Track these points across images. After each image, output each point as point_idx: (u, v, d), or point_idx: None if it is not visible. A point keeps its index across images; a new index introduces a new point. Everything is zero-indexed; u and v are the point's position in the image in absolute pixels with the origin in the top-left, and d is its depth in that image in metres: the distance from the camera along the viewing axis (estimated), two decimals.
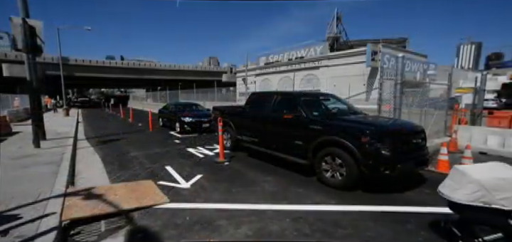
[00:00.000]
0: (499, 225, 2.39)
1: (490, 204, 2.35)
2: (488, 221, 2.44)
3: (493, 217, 2.39)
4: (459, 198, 2.44)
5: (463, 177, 2.49)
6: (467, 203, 2.41)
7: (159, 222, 3.40)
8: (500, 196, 2.32)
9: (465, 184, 2.45)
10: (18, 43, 6.65)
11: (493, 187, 2.34)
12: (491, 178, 2.39)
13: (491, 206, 2.35)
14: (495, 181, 2.36)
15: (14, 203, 3.58)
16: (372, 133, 4.33)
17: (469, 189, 2.41)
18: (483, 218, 2.44)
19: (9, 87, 30.49)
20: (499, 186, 2.33)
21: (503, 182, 2.33)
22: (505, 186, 2.32)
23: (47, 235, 2.79)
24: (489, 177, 2.40)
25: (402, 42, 35.27)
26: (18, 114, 16.35)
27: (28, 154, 6.64)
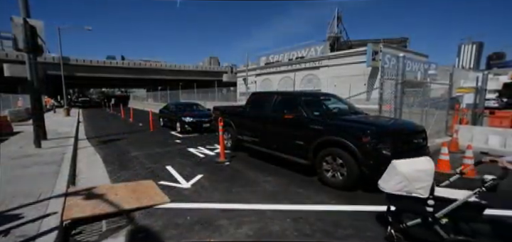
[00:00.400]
0: (418, 211, 2.73)
1: (411, 193, 2.68)
2: (411, 208, 2.80)
3: (413, 204, 2.71)
4: (389, 189, 2.79)
5: (393, 170, 2.80)
6: (394, 192, 2.76)
7: (160, 222, 3.41)
8: (419, 185, 2.63)
9: (393, 176, 2.77)
10: (19, 43, 6.66)
11: (413, 178, 2.66)
12: (412, 170, 2.70)
13: (411, 195, 2.68)
14: (415, 172, 2.67)
15: (15, 202, 3.59)
16: (373, 133, 4.32)
17: (396, 180, 2.74)
18: (407, 205, 2.79)
19: (10, 87, 30.59)
20: (418, 177, 2.64)
21: (421, 174, 2.64)
22: (422, 177, 2.63)
23: (48, 235, 2.80)
24: (411, 169, 2.71)
25: (403, 42, 35.27)
26: (19, 114, 16.39)
27: (29, 154, 6.66)
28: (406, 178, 2.68)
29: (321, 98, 6.58)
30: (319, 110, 5.81)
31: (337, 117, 5.52)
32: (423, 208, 2.66)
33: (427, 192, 2.61)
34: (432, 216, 2.64)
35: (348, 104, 6.45)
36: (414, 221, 2.77)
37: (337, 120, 5.15)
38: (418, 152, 4.68)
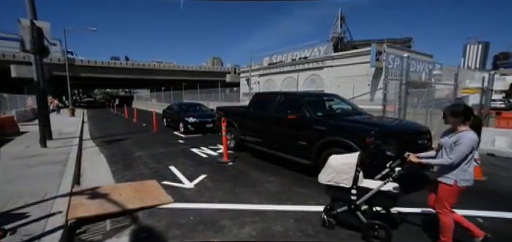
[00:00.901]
0: (344, 199, 3.12)
1: (338, 183, 3.06)
2: (339, 197, 3.18)
3: (341, 193, 3.10)
4: (323, 180, 3.18)
5: (327, 164, 3.20)
6: (326, 183, 3.16)
7: (163, 222, 3.42)
8: (344, 177, 3.02)
9: (326, 169, 3.17)
10: (26, 45, 6.76)
11: (339, 170, 3.06)
12: (339, 163, 3.11)
13: (338, 185, 3.06)
14: (341, 165, 3.08)
15: (22, 201, 3.64)
16: (377, 134, 4.30)
17: (327, 172, 3.14)
18: (336, 194, 3.17)
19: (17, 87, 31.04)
20: (343, 170, 3.04)
21: (345, 166, 3.03)
22: (346, 169, 3.02)
23: (53, 233, 2.83)
24: (338, 163, 3.12)
25: (407, 42, 35.00)
26: (26, 114, 16.62)
27: (35, 154, 6.74)
28: (334, 170, 3.10)
29: (324, 99, 6.56)
30: (322, 111, 5.79)
31: (340, 117, 5.50)
32: (348, 196, 3.06)
33: (351, 182, 2.99)
34: (355, 204, 3.03)
35: (351, 105, 6.42)
36: (342, 208, 3.18)
37: (340, 121, 5.13)
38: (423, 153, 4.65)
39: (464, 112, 2.61)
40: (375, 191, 2.91)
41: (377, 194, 2.92)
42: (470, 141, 2.51)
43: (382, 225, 2.87)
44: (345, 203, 3.13)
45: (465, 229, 2.82)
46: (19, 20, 6.68)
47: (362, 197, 2.97)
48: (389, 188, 2.96)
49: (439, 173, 2.81)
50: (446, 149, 2.69)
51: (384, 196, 2.95)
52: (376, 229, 2.88)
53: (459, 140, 2.56)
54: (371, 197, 2.94)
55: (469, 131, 2.59)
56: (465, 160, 2.59)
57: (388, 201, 3.02)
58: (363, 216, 3.02)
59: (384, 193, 2.93)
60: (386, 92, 7.44)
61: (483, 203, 4.09)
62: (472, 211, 3.76)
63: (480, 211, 3.78)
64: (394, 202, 3.01)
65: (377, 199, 2.98)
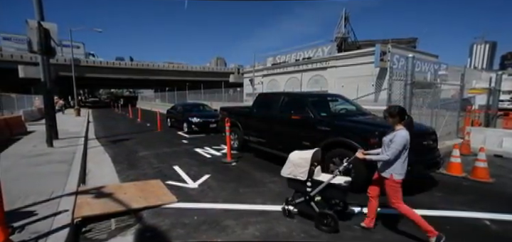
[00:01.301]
0: (301, 191, 3.43)
1: (296, 176, 3.39)
2: (297, 188, 3.49)
3: (298, 185, 3.43)
4: (284, 174, 3.50)
5: (288, 159, 3.51)
6: (286, 176, 3.49)
7: (167, 221, 3.44)
8: (300, 170, 3.34)
9: (287, 163, 3.49)
10: (34, 46, 6.87)
11: (297, 164, 3.39)
12: (297, 158, 3.43)
13: (296, 178, 3.39)
14: (298, 160, 3.40)
15: (29, 200, 3.70)
16: (381, 134, 4.25)
17: (287, 167, 3.48)
18: (295, 186, 3.49)
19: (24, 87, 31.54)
20: (300, 164, 3.36)
21: (302, 161, 3.36)
22: (302, 163, 3.35)
23: (60, 232, 2.88)
24: (296, 157, 3.44)
25: (412, 42, 34.66)
26: (33, 114, 16.88)
27: (42, 153, 6.84)
28: (293, 164, 3.42)
29: (328, 99, 6.54)
30: (326, 111, 5.77)
31: (344, 117, 5.47)
32: (304, 188, 3.38)
33: (306, 175, 3.31)
34: (309, 195, 3.34)
35: (355, 105, 6.38)
36: (300, 199, 3.47)
37: (344, 121, 5.11)
38: (429, 154, 4.61)
39: (399, 113, 2.91)
40: (326, 184, 3.23)
41: (328, 187, 3.24)
42: (402, 139, 2.81)
43: (331, 215, 3.18)
44: (302, 194, 3.42)
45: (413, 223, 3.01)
46: (27, 21, 6.80)
47: (315, 189, 3.30)
48: (340, 182, 3.26)
49: (380, 168, 3.07)
50: (385, 146, 2.98)
51: (334, 189, 3.26)
52: (326, 218, 3.19)
53: (394, 138, 2.86)
54: (323, 189, 3.26)
55: (403, 130, 2.87)
56: (400, 156, 2.88)
57: (339, 193, 3.32)
58: (316, 206, 3.32)
59: (334, 186, 3.25)
60: (391, 92, 7.37)
61: (490, 205, 4.04)
62: (479, 214, 3.72)
63: (487, 213, 3.73)
64: (344, 194, 3.36)
65: (329, 191, 3.29)
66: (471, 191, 4.68)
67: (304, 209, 3.48)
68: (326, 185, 3.22)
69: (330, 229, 3.15)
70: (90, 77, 41.80)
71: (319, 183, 3.27)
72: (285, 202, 3.61)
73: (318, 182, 3.30)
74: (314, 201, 3.34)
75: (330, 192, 3.30)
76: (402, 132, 2.84)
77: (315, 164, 3.44)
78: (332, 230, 3.14)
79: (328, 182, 3.21)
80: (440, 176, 5.39)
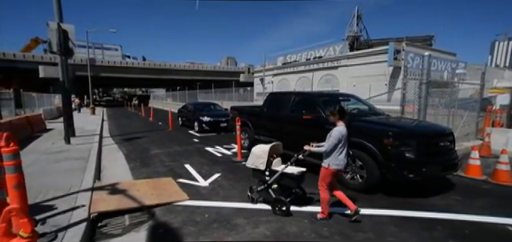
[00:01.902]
0: (261, 179, 3.88)
1: (257, 166, 3.81)
2: (259, 178, 3.93)
3: (259, 175, 3.88)
4: (248, 164, 3.93)
5: (251, 151, 3.95)
6: (250, 166, 3.91)
7: (179, 218, 3.50)
8: (260, 161, 3.77)
9: (250, 155, 3.93)
10: (53, 46, 7.15)
11: (258, 156, 3.82)
12: (258, 150, 3.87)
13: (257, 167, 3.82)
14: (259, 152, 3.83)
15: (49, 194, 3.87)
16: (395, 135, 4.17)
17: (250, 158, 3.92)
18: (257, 175, 3.94)
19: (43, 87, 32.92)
20: (260, 155, 3.79)
21: (261, 153, 3.79)
22: (261, 155, 3.78)
23: (78, 225, 2.99)
24: (257, 150, 3.88)
25: (428, 40, 33.55)
26: (52, 112, 17.57)
27: (60, 150, 7.12)
28: (255, 156, 3.85)
29: (340, 98, 6.44)
30: None
31: (356, 117, 5.36)
32: (263, 177, 3.82)
33: (264, 166, 3.74)
34: (267, 183, 3.78)
35: (368, 105, 6.25)
36: (261, 187, 3.88)
37: (357, 121, 5.00)
38: (445, 155, 4.45)
39: (338, 111, 3.43)
40: (280, 173, 3.68)
41: (282, 176, 3.69)
42: (338, 134, 3.29)
43: (284, 201, 3.60)
44: (262, 182, 3.86)
45: (344, 204, 3.46)
46: (48, 23, 7.08)
47: (272, 178, 3.73)
48: (293, 172, 3.71)
49: (322, 159, 3.52)
50: (326, 140, 3.44)
51: (288, 178, 3.71)
52: (281, 203, 3.59)
53: (332, 132, 3.35)
54: (278, 178, 3.70)
55: (340, 126, 3.36)
56: (335, 149, 3.31)
57: (292, 181, 3.74)
58: (273, 193, 3.74)
59: (288, 175, 3.69)
60: (405, 92, 7.18)
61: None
62: (501, 219, 3.54)
63: (510, 218, 3.54)
64: (297, 183, 3.79)
65: (284, 180, 3.73)
66: (492, 195, 4.48)
67: (263, 196, 3.91)
68: (280, 174, 3.68)
69: (283, 213, 3.57)
70: (105, 76, 43.02)
71: (276, 173, 3.70)
72: (249, 190, 4.06)
73: (275, 172, 3.74)
74: (272, 189, 3.79)
75: (285, 180, 3.75)
76: (339, 128, 3.33)
77: (274, 156, 3.92)
78: (285, 213, 3.56)
79: (281, 172, 3.67)
80: (458, 178, 5.20)
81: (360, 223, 3.36)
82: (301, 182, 3.86)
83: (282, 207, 3.57)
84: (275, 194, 3.71)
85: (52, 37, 7.10)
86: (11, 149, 2.37)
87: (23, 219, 1.52)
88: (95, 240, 3.01)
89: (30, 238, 1.54)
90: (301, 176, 3.78)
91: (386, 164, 4.09)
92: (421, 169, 4.01)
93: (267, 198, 3.82)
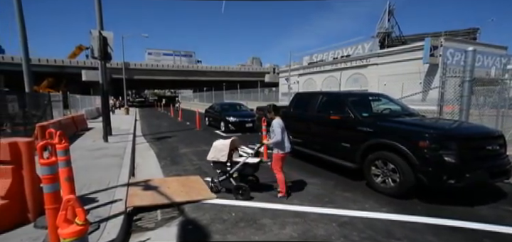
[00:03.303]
0: (223, 170, 4.36)
1: (219, 159, 4.29)
2: (220, 169, 4.39)
3: (221, 166, 4.36)
4: (210, 158, 4.40)
5: (212, 145, 4.42)
6: (211, 160, 4.38)
7: (207, 216, 3.60)
8: (222, 154, 4.26)
9: (212, 149, 4.39)
10: (95, 52, 7.81)
11: (219, 149, 4.31)
12: (219, 144, 4.36)
13: (219, 160, 4.30)
14: (220, 146, 4.33)
15: (92, 188, 4.24)
16: (432, 137, 3.87)
17: (212, 151, 4.38)
18: (219, 167, 4.40)
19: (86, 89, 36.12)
20: (222, 149, 4.28)
21: (223, 146, 4.29)
22: (223, 148, 4.27)
23: (117, 218, 3.22)
24: (219, 144, 4.36)
25: (472, 33, 30.66)
26: (92, 112, 19.16)
27: (99, 147, 7.74)
28: (217, 149, 4.32)
29: (369, 98, 6.16)
30: (368, 111, 5.45)
31: (388, 118, 5.09)
32: (225, 168, 4.31)
33: (226, 158, 4.24)
34: (229, 173, 4.27)
35: (400, 105, 5.90)
36: (222, 177, 4.36)
37: (388, 122, 4.75)
38: (494, 161, 4.02)
39: (273, 109, 4.34)
40: (242, 163, 4.24)
41: (245, 165, 4.25)
42: (278, 124, 4.09)
43: (244, 187, 4.13)
44: (224, 173, 4.32)
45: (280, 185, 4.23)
46: (91, 31, 7.75)
47: (233, 168, 4.24)
48: (253, 161, 4.31)
49: (273, 148, 4.25)
50: (270, 134, 4.26)
51: (249, 167, 4.29)
52: (241, 189, 4.12)
53: (273, 127, 4.12)
54: (240, 167, 4.24)
55: (277, 119, 4.19)
56: (280, 137, 4.04)
57: (251, 169, 4.33)
58: (234, 181, 4.23)
59: (249, 165, 4.28)
60: (443, 90, 6.64)
61: None
62: None
63: None
64: (255, 170, 4.38)
65: (244, 169, 4.28)
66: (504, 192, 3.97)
67: (225, 185, 4.39)
68: (243, 164, 4.24)
69: (244, 197, 4.08)
70: (137, 79, 45.87)
71: (237, 164, 4.25)
72: (211, 181, 4.48)
73: (236, 163, 4.27)
74: (233, 178, 4.26)
75: (246, 169, 4.30)
76: (276, 121, 4.15)
77: (234, 149, 4.43)
78: (246, 197, 4.07)
79: (243, 162, 4.25)
80: (510, 187, 4.67)
81: (391, 229, 3.18)
82: (257, 170, 4.42)
83: (244, 192, 4.09)
84: (236, 182, 4.22)
85: (94, 43, 7.76)
86: (63, 145, 2.65)
87: (78, 208, 1.69)
88: (131, 232, 3.21)
89: (84, 225, 1.72)
90: (258, 165, 4.36)
91: (422, 168, 3.82)
92: (463, 174, 3.68)
93: (228, 187, 4.30)
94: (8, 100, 7.55)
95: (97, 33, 7.74)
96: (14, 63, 33.37)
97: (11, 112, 7.66)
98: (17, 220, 2.99)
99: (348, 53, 31.37)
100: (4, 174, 2.98)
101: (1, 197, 2.91)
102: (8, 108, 7.52)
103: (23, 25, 7.41)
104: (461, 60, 6.08)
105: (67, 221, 1.72)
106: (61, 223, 1.72)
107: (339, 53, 32.85)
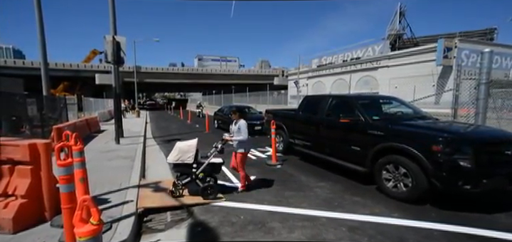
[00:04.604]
0: (188, 172, 4.29)
1: (184, 161, 4.21)
2: (184, 171, 4.30)
3: (185, 168, 4.27)
4: (171, 160, 4.26)
5: (174, 147, 4.34)
6: (174, 162, 4.25)
7: (216, 218, 3.62)
8: (187, 155, 4.20)
9: (174, 151, 4.29)
10: (109, 56, 8.05)
11: (184, 151, 4.24)
12: (184, 145, 4.32)
13: (184, 162, 4.21)
14: (185, 147, 4.28)
15: (104, 189, 4.35)
16: (446, 141, 3.76)
17: (174, 153, 4.26)
18: (183, 169, 4.30)
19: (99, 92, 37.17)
20: (186, 150, 4.24)
21: (188, 148, 4.26)
22: (189, 150, 4.24)
23: (128, 218, 3.29)
24: (183, 145, 4.32)
25: (489, 33, 29.65)
26: (104, 115, 19.68)
27: (112, 149, 7.93)
28: (181, 151, 4.24)
29: (380, 101, 6.06)
30: (379, 114, 5.35)
31: (400, 121, 4.98)
32: (190, 170, 4.26)
33: (193, 159, 4.22)
34: (195, 174, 4.26)
35: (412, 108, 5.77)
36: (186, 179, 4.28)
37: (400, 125, 4.65)
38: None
39: (238, 110, 4.79)
40: (207, 163, 4.31)
41: (212, 165, 4.35)
42: (245, 125, 4.53)
43: (212, 186, 4.21)
44: (189, 175, 4.26)
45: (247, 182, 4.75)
46: (105, 36, 8.00)
47: (199, 169, 4.25)
48: (218, 161, 4.45)
49: (236, 147, 4.60)
50: (235, 133, 4.54)
51: (213, 166, 4.39)
52: (209, 189, 4.17)
53: (240, 126, 4.49)
54: (207, 168, 4.31)
55: (242, 120, 4.59)
56: (247, 136, 4.49)
57: (217, 169, 4.47)
58: (200, 182, 4.24)
59: (216, 165, 4.41)
60: (458, 93, 6.46)
61: None
62: None
63: None
64: (219, 170, 4.51)
65: (209, 169, 4.34)
66: None
67: (190, 187, 4.30)
68: (211, 164, 4.32)
69: (213, 196, 4.14)
70: (148, 82, 46.80)
71: (202, 164, 4.28)
72: (173, 185, 4.29)
73: (201, 163, 4.30)
74: (199, 179, 4.26)
75: (210, 169, 4.35)
76: (243, 121, 4.55)
77: (197, 150, 4.42)
78: (214, 197, 4.13)
79: (208, 162, 4.31)
80: None
81: (404, 235, 3.10)
82: (219, 171, 4.58)
83: (212, 191, 4.15)
84: (202, 183, 4.23)
85: (108, 48, 8.00)
86: (78, 147, 2.75)
87: (93, 208, 1.75)
88: (142, 233, 3.27)
89: (98, 225, 1.78)
90: (222, 165, 4.51)
91: (435, 172, 3.72)
92: (480, 179, 3.55)
93: (194, 189, 4.25)
94: (27, 103, 7.86)
95: (110, 38, 7.99)
96: (33, 68, 34.82)
97: (30, 115, 7.97)
98: (35, 218, 3.11)
99: (357, 56, 30.96)
100: (24, 174, 3.11)
101: (21, 196, 3.04)
102: (28, 111, 7.83)
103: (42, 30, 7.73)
104: (477, 62, 5.89)
105: (83, 221, 1.78)
106: (77, 222, 1.78)
107: (349, 55, 32.45)
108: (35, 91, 9.97)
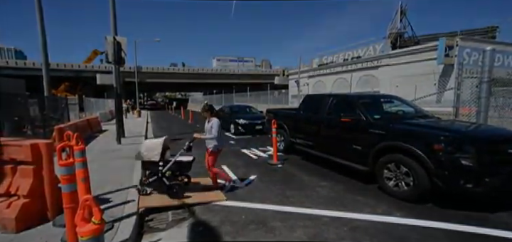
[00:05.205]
0: (155, 170, 4.17)
1: (150, 158, 4.10)
2: (152, 169, 4.21)
3: (152, 166, 4.18)
4: (136, 157, 4.30)
5: (141, 145, 4.32)
6: (141, 160, 4.21)
7: (217, 218, 3.63)
8: (154, 153, 4.10)
9: (142, 148, 4.24)
10: (109, 57, 8.07)
11: (151, 148, 4.15)
12: (150, 143, 4.28)
13: (151, 160, 4.11)
14: (152, 145, 4.20)
15: (106, 188, 4.36)
16: (448, 139, 3.75)
17: (141, 151, 4.18)
18: (150, 167, 4.22)
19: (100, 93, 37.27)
20: (153, 148, 4.15)
21: (154, 145, 4.18)
22: (156, 147, 4.13)
23: (130, 218, 3.30)
24: (150, 143, 4.28)
25: (491, 31, 29.48)
26: (106, 115, 19.73)
27: (113, 149, 7.95)
28: (148, 149, 4.17)
29: (381, 100, 6.05)
30: (380, 113, 5.34)
31: (401, 120, 4.97)
32: (157, 167, 4.13)
33: (159, 157, 4.08)
34: (162, 172, 4.12)
35: (414, 107, 5.76)
36: (153, 177, 4.17)
37: (402, 124, 4.64)
38: None
39: (210, 108, 4.63)
40: (173, 161, 4.17)
41: (179, 164, 4.22)
42: (217, 123, 4.45)
43: (177, 185, 4.15)
44: (155, 173, 4.15)
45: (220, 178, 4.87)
46: (106, 37, 8.02)
47: (166, 167, 4.13)
48: (187, 160, 4.31)
49: (207, 145, 4.59)
50: (207, 131, 4.50)
51: (181, 165, 4.26)
52: (175, 188, 4.09)
53: (212, 124, 4.43)
54: (174, 166, 4.17)
55: (215, 118, 4.51)
56: (217, 134, 4.40)
57: (185, 168, 4.32)
58: (167, 181, 4.13)
59: (180, 163, 4.25)
60: (460, 92, 6.44)
61: None
62: None
63: None
64: (188, 168, 4.36)
65: (177, 167, 4.21)
66: None
67: (156, 185, 4.22)
68: (177, 162, 4.21)
69: (179, 195, 4.05)
70: (149, 82, 46.85)
71: (169, 162, 4.15)
72: (140, 184, 4.30)
73: (168, 161, 4.18)
74: (165, 177, 4.15)
75: (178, 168, 4.24)
76: (216, 119, 4.48)
77: (166, 148, 4.33)
78: (180, 196, 4.04)
79: (175, 160, 4.20)
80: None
81: (406, 235, 3.10)
82: (190, 169, 4.41)
83: (178, 190, 4.09)
84: (169, 181, 4.14)
85: (109, 48, 8.02)
86: (79, 147, 2.76)
87: (95, 208, 1.76)
88: (143, 233, 3.28)
89: (100, 224, 1.78)
90: (192, 163, 4.40)
91: (437, 171, 3.71)
92: (482, 179, 3.54)
93: (160, 187, 4.19)
94: (29, 104, 7.90)
95: (111, 39, 8.00)
96: (35, 68, 34.97)
97: (32, 115, 8.01)
98: (38, 218, 3.13)
99: (358, 55, 30.88)
100: (26, 174, 3.13)
101: (24, 196, 3.05)
102: (30, 111, 7.87)
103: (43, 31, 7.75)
104: (478, 60, 5.87)
105: (85, 220, 1.79)
106: (79, 221, 1.78)
107: (350, 54, 32.37)
108: (36, 91, 10.01)
